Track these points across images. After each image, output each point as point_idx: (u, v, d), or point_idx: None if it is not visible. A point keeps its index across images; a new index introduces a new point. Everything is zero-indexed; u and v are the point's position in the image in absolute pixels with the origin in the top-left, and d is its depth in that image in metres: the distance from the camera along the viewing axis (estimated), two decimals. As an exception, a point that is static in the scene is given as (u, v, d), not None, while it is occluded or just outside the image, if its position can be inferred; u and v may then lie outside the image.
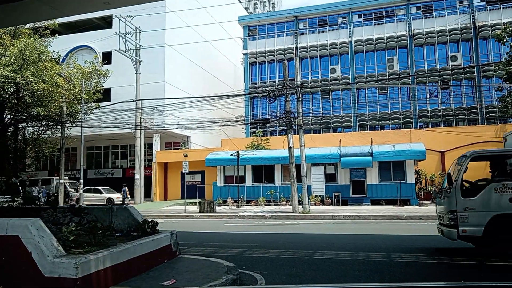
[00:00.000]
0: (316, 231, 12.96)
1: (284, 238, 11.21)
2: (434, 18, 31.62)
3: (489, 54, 30.73)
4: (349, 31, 33.35)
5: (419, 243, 9.93)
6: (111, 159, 37.12)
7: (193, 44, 34.05)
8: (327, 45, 33.61)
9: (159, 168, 30.86)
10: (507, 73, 17.76)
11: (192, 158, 28.84)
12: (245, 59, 35.97)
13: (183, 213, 20.23)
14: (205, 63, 36.17)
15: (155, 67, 31.28)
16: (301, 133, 19.41)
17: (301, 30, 34.91)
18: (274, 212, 19.40)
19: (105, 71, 27.60)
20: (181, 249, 9.05)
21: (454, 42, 31.40)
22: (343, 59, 33.72)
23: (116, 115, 26.05)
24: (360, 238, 10.88)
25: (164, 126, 27.71)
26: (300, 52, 34.08)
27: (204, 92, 30.23)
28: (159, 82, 31.32)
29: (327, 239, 10.86)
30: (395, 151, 22.41)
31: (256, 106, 35.40)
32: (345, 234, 11.94)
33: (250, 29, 36.63)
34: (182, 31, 32.65)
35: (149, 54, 30.17)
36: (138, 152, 28.42)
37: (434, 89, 31.64)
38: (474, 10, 31.00)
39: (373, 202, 22.63)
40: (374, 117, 31.88)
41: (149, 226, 6.47)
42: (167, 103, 27.06)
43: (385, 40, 32.24)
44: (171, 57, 32.30)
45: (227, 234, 12.49)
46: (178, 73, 32.72)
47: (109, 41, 30.61)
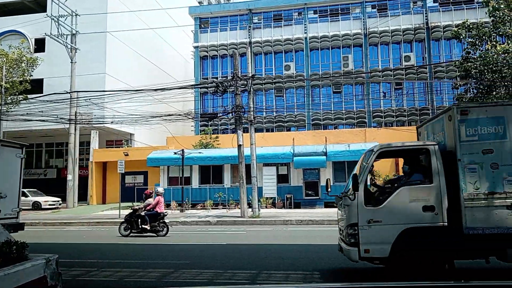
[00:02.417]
0: (264, 240, 11.30)
1: (225, 252, 9.41)
2: (389, 17, 31.24)
3: (441, 55, 30.79)
4: (305, 27, 32.24)
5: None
6: (45, 158, 33.56)
7: (140, 35, 31.46)
8: (282, 40, 32.28)
9: (97, 168, 27.99)
10: (465, 70, 17.15)
11: (134, 158, 26.38)
12: (196, 53, 33.82)
13: (118, 219, 17.85)
14: (153, 56, 33.62)
15: (95, 57, 28.37)
16: (252, 130, 17.76)
17: (255, 24, 33.34)
18: (221, 216, 17.58)
19: (34, 58, 24.46)
20: (89, 271, 7.00)
21: (407, 42, 31.20)
22: (298, 55, 32.54)
23: (49, 108, 23.14)
24: (314, 249, 9.32)
25: (98, 120, 24.98)
26: (253, 47, 32.49)
27: (151, 87, 27.78)
28: (99, 73, 28.46)
29: (276, 252, 9.19)
30: (350, 150, 21.37)
31: (207, 102, 33.35)
32: (297, 244, 10.35)
33: (202, 21, 34.55)
34: (128, 20, 30.00)
35: (89, 42, 27.25)
36: (72, 150, 25.48)
37: (388, 89, 31.25)
38: (427, 11, 30.96)
39: (326, 205, 21.42)
40: (328, 116, 30.95)
41: (13, 250, 4.42)
42: (107, 95, 24.45)
43: (340, 37, 31.44)
44: (114, 47, 29.51)
45: (159, 247, 10.48)
46: (122, 65, 29.98)
47: (42, 26, 27.18)
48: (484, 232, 5.70)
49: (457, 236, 5.79)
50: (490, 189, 5.75)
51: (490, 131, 5.87)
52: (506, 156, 5.80)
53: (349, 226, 6.00)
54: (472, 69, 16.89)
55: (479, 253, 5.91)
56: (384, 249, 5.78)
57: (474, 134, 5.88)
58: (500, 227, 5.69)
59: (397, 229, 5.79)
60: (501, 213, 5.71)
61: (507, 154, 5.80)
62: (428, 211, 5.82)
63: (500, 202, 5.72)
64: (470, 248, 5.83)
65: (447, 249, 5.83)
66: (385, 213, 5.88)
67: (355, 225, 5.90)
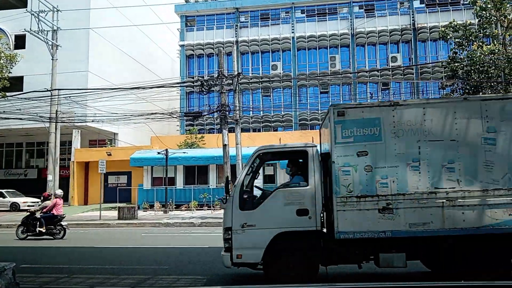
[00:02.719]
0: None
1: (207, 256, 9.01)
2: (376, 18, 31.22)
3: (427, 56, 30.89)
4: (292, 26, 32.00)
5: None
6: (25, 158, 32.61)
7: (125, 33, 30.78)
8: (269, 40, 31.98)
9: (79, 168, 27.27)
10: (452, 70, 17.07)
11: (118, 157, 25.76)
12: (182, 51, 33.30)
13: (99, 221, 17.31)
14: (138, 54, 32.94)
15: (77, 55, 27.66)
16: (238, 129, 17.38)
17: (242, 23, 32.99)
18: (206, 218, 17.15)
19: (13, 54, 23.67)
20: (58, 277, 6.56)
21: (394, 43, 31.22)
22: (285, 55, 32.29)
23: (29, 107, 22.44)
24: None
25: (80, 119, 24.30)
26: (240, 46, 32.12)
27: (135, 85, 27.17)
28: (81, 71, 27.77)
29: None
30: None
31: (192, 101, 32.85)
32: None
33: (188, 19, 34.07)
34: (112, 18, 29.33)
35: (71, 40, 26.50)
36: (52, 149, 24.67)
37: (375, 90, 31.20)
38: (414, 12, 31.02)
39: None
40: (315, 116, 30.74)
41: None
42: (89, 93, 23.81)
43: (327, 37, 31.28)
44: (97, 44, 28.82)
45: (138, 250, 10.04)
46: (106, 63, 29.28)
47: (23, 22, 26.38)
48: (355, 236, 5.56)
49: (329, 240, 5.69)
50: (363, 192, 5.62)
51: (366, 132, 5.74)
52: (380, 159, 5.67)
53: (224, 231, 5.84)
54: (459, 69, 16.82)
55: (353, 258, 5.76)
56: (256, 254, 5.63)
57: (350, 136, 5.75)
58: (372, 231, 5.56)
59: (270, 233, 5.66)
60: (373, 217, 5.58)
61: (381, 157, 5.68)
62: (302, 215, 5.68)
63: (372, 206, 5.59)
64: (342, 253, 5.71)
65: (319, 254, 5.70)
66: (259, 217, 5.74)
67: (229, 229, 5.74)
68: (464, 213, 5.54)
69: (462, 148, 5.66)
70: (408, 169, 5.64)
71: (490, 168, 5.59)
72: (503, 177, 5.57)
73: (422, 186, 5.60)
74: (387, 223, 5.55)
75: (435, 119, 5.74)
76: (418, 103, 6.14)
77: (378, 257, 5.65)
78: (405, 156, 5.67)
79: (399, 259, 5.57)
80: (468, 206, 5.55)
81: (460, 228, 5.52)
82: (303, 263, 5.64)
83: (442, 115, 5.76)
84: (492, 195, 5.54)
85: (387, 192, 5.60)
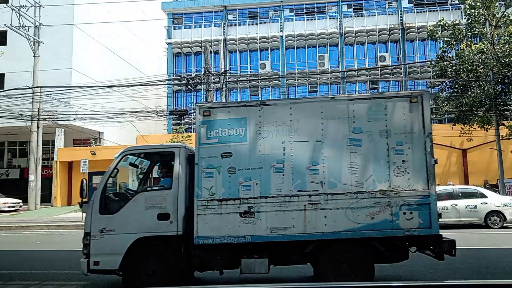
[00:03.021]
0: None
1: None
2: (365, 17, 31.15)
3: (415, 56, 30.93)
4: (280, 25, 31.74)
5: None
6: (7, 157, 31.75)
7: (111, 31, 30.17)
8: (257, 38, 31.67)
9: (62, 168, 26.58)
10: (441, 69, 16.97)
11: (103, 157, 25.11)
12: (169, 49, 32.79)
13: (81, 222, 16.75)
14: (124, 52, 32.31)
15: (60, 52, 26.98)
16: (224, 128, 16.99)
17: (230, 21, 32.61)
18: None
19: (-7, 50, 22.95)
20: (29, 285, 6.13)
21: (383, 43, 31.18)
22: (274, 54, 32.01)
23: (10, 105, 21.77)
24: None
25: (63, 117, 23.68)
26: (228, 44, 31.75)
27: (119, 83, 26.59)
28: (64, 68, 27.08)
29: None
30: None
31: (180, 99, 32.39)
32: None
33: (175, 16, 33.55)
34: (97, 14, 28.70)
35: (54, 36, 25.83)
36: (34, 148, 24.05)
37: (364, 89, 31.12)
38: (402, 12, 31.01)
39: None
40: (304, 116, 30.51)
41: None
42: (73, 91, 23.23)
43: (316, 36, 31.10)
44: (81, 41, 28.16)
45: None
46: (90, 60, 28.63)
47: (4, 17, 25.63)
48: (215, 241, 5.34)
49: (189, 246, 5.45)
50: (225, 195, 5.43)
51: (231, 133, 5.55)
52: (244, 160, 5.48)
53: (84, 236, 5.57)
54: (448, 68, 16.73)
55: (215, 264, 5.51)
56: (115, 261, 5.36)
57: (215, 137, 5.55)
58: (232, 236, 5.35)
59: (130, 239, 5.39)
60: (234, 221, 5.37)
61: (246, 158, 5.48)
62: (163, 219, 5.46)
63: (234, 209, 5.39)
64: (204, 259, 5.49)
65: (181, 261, 5.48)
66: (118, 222, 5.49)
67: (88, 235, 5.50)
68: (326, 217, 5.33)
69: (327, 149, 5.46)
70: (272, 171, 5.44)
71: (354, 170, 5.41)
72: (367, 180, 5.39)
73: (285, 189, 5.40)
74: (248, 227, 5.33)
75: (302, 119, 5.54)
76: (285, 103, 5.87)
77: (239, 263, 5.43)
78: (269, 157, 5.47)
79: (261, 264, 5.35)
80: (331, 209, 5.34)
81: (322, 233, 5.31)
82: (162, 270, 5.39)
83: (309, 115, 5.56)
84: (355, 198, 5.34)
85: (250, 195, 5.40)
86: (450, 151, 24.85)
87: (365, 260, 5.45)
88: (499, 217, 12.73)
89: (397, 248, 5.68)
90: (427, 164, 5.49)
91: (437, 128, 25.23)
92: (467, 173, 24.27)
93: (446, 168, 24.76)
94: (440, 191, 13.61)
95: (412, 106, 5.53)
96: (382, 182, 5.39)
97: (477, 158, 24.15)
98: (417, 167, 5.46)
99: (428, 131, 5.53)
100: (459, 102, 17.27)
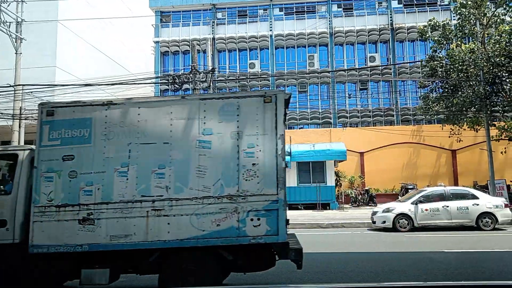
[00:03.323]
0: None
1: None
2: (354, 17, 30.99)
3: (405, 57, 30.86)
4: (270, 24, 31.42)
5: (339, 265, 7.60)
6: (-12, 157, 30.80)
7: (97, 28, 29.51)
8: (247, 37, 31.29)
9: (45, 168, 25.80)
10: (431, 69, 16.78)
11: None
12: (157, 48, 32.23)
13: None
14: (111, 50, 31.64)
15: (44, 49, 26.28)
16: (211, 128, 16.55)
17: (219, 20, 32.18)
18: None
19: (-29, 47, 22.16)
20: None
21: (372, 43, 31.06)
22: (263, 53, 31.68)
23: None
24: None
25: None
26: (217, 43, 31.33)
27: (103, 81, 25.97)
28: (48, 66, 26.42)
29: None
30: (315, 150, 20.65)
31: (167, 100, 31.81)
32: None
33: (163, 15, 33.00)
34: (83, 12, 28.03)
35: (37, 33, 25.14)
36: (16, 148, 23.24)
37: (353, 90, 30.95)
38: (392, 12, 30.92)
39: (290, 207, 20.55)
40: (293, 116, 30.22)
41: None
42: (56, 89, 22.57)
43: (306, 36, 30.84)
44: (66, 39, 27.48)
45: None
46: (75, 58, 27.94)
47: (-15, 14, 24.93)
48: (50, 250, 4.96)
49: (25, 255, 5.05)
50: (64, 201, 5.08)
51: (74, 134, 5.20)
52: (87, 164, 5.14)
53: None
54: (438, 67, 16.55)
55: (54, 274, 5.15)
56: None
57: (57, 138, 5.19)
58: (68, 244, 4.98)
59: None
60: (72, 228, 5.02)
61: (89, 161, 5.14)
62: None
63: (72, 216, 5.05)
64: (39, 269, 5.11)
65: (17, 271, 5.09)
66: None
67: None
68: (170, 224, 4.99)
69: (175, 151, 5.15)
70: (116, 175, 5.09)
71: (202, 174, 5.10)
72: (215, 184, 5.08)
73: (129, 194, 5.06)
74: (86, 235, 4.98)
75: (150, 120, 5.22)
76: (133, 102, 5.47)
77: (79, 273, 5.04)
78: (113, 160, 5.13)
79: (101, 275, 4.95)
80: (175, 216, 5.01)
81: (164, 241, 4.98)
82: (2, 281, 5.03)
83: (158, 116, 5.24)
84: (201, 204, 5.02)
85: (91, 201, 5.06)
86: (439, 152, 24.79)
87: (211, 270, 5.09)
88: (490, 219, 12.53)
89: (254, 256, 5.28)
90: (278, 167, 5.12)
91: (427, 129, 25.22)
92: (457, 174, 24.21)
93: (436, 169, 24.68)
94: (432, 192, 13.42)
95: (265, 107, 5.24)
96: (231, 187, 5.07)
97: (467, 159, 24.11)
98: (267, 170, 5.10)
99: (280, 133, 5.22)
100: (450, 102, 17.11)
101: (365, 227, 13.99)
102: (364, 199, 22.24)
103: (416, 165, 24.88)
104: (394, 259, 8.11)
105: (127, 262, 5.20)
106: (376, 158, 24.71)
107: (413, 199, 13.04)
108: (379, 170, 24.22)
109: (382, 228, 13.00)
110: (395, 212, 12.83)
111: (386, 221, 12.84)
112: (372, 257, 8.45)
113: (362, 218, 15.30)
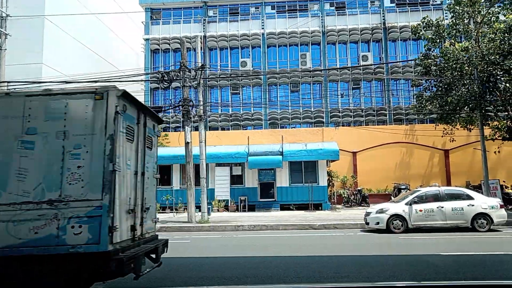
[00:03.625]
0: (207, 253, 9.80)
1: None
2: (347, 16, 30.74)
3: (397, 56, 30.69)
4: (262, 22, 31.04)
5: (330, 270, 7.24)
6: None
7: (86, 25, 28.88)
8: (238, 35, 30.87)
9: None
10: (425, 67, 16.54)
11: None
12: (147, 45, 31.68)
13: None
14: (100, 47, 30.99)
15: (30, 45, 25.59)
16: (201, 126, 16.19)
17: (210, 18, 31.72)
18: (167, 222, 15.86)
19: (-46, 42, 21.45)
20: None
21: (365, 42, 30.84)
22: (255, 52, 31.28)
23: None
24: (269, 265, 7.91)
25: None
26: (209, 41, 30.87)
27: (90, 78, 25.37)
28: (34, 63, 25.74)
29: (216, 270, 7.69)
30: (307, 150, 20.34)
31: (157, 96, 31.31)
32: (246, 258, 8.93)
33: (153, 12, 32.46)
34: (71, 8, 27.39)
35: (24, 29, 24.47)
36: (0, 147, 22.58)
37: (346, 89, 30.71)
38: (384, 11, 30.74)
39: (282, 207, 20.27)
40: (285, 115, 29.90)
41: None
42: (42, 86, 21.93)
43: (298, 34, 30.52)
44: (53, 35, 26.81)
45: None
46: (63, 55, 27.28)
47: (-31, 9, 24.21)
48: None
49: None
50: None
51: None
52: None
53: None
54: (432, 66, 16.31)
55: None
56: None
57: None
58: None
59: None
60: None
61: None
62: None
63: None
64: None
65: None
66: None
67: None
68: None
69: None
70: None
71: (23, 177, 4.72)
72: (36, 188, 4.71)
73: None
74: None
75: None
76: None
77: None
78: None
79: None
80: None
81: None
82: None
83: None
84: (19, 210, 4.64)
85: None
86: (432, 152, 24.65)
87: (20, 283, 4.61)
88: (486, 220, 12.29)
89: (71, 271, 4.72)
90: (104, 170, 4.74)
91: (420, 129, 25.05)
92: (449, 174, 24.08)
93: (429, 169, 24.54)
94: (426, 192, 13.16)
95: (96, 104, 4.86)
96: (52, 191, 4.68)
97: (459, 159, 23.99)
98: (94, 174, 4.73)
99: (110, 133, 4.81)
100: (444, 101, 16.89)
101: (358, 228, 13.70)
102: (357, 199, 21.99)
103: (408, 165, 24.72)
104: (389, 264, 7.78)
105: None
106: (368, 158, 24.50)
107: (407, 200, 12.77)
108: (372, 170, 24.02)
109: (375, 230, 12.71)
110: (389, 213, 12.55)
111: (380, 222, 12.55)
112: (367, 260, 8.11)
113: (355, 219, 15.01)
